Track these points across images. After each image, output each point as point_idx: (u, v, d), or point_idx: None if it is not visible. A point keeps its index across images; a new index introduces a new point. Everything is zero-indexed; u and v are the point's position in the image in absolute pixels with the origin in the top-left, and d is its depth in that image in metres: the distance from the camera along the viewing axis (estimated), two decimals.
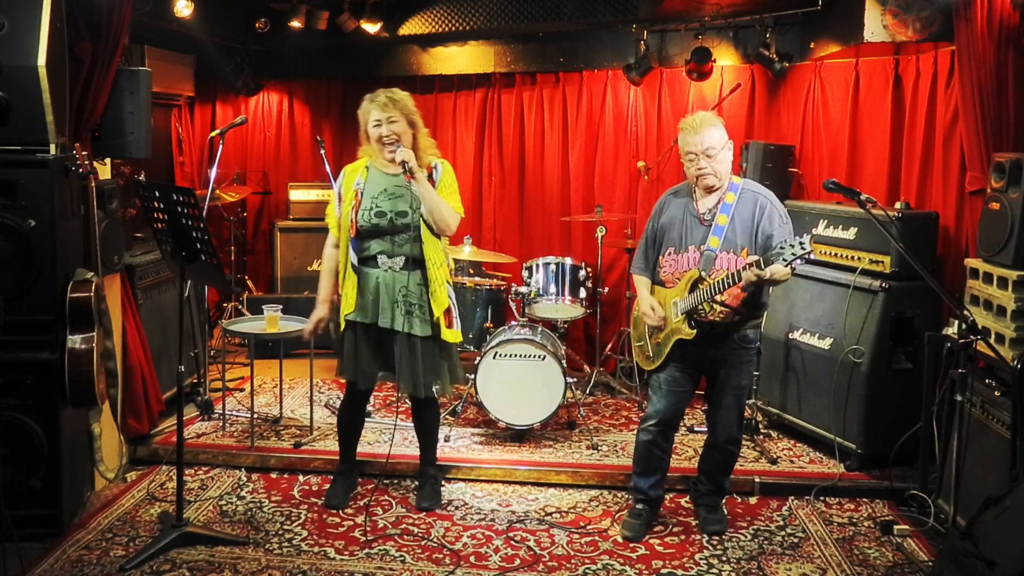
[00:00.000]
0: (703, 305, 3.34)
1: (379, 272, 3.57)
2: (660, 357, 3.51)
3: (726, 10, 5.15)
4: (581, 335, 5.90)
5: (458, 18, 5.72)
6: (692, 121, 3.37)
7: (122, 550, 3.41)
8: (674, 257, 3.45)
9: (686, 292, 3.38)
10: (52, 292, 3.40)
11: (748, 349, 3.49)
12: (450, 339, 3.62)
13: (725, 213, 3.35)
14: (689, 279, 3.37)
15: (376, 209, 3.55)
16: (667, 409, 3.54)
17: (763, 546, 3.56)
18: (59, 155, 3.41)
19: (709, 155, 3.32)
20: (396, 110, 3.51)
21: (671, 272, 3.47)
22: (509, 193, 6.08)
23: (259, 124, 6.59)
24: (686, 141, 3.37)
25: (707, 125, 3.33)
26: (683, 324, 3.39)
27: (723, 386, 3.51)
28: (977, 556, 2.62)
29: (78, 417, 3.63)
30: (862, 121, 5.01)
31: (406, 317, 3.55)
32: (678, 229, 3.45)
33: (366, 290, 3.58)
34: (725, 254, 3.33)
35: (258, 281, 6.67)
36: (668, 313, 3.45)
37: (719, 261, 3.33)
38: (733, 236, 3.34)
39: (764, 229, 3.32)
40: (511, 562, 3.39)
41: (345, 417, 3.92)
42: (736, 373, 3.48)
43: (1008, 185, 3.51)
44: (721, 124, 3.40)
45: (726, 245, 3.34)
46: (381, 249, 3.57)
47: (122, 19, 3.77)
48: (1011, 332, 3.40)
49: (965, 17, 3.89)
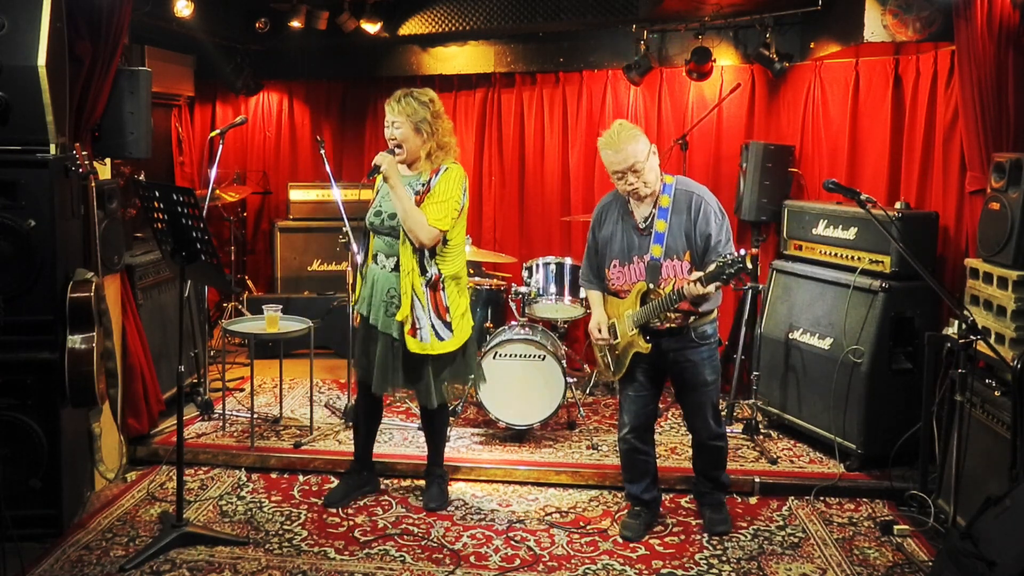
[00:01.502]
0: (656, 320, 3.35)
1: (377, 270, 3.63)
2: (622, 368, 3.53)
3: (726, 10, 5.15)
4: (581, 335, 5.90)
5: (458, 18, 5.72)
6: (610, 139, 3.29)
7: (122, 550, 3.41)
8: (620, 270, 3.44)
9: (637, 304, 3.39)
10: (52, 292, 3.40)
11: (709, 344, 3.47)
12: (412, 349, 3.53)
13: (663, 218, 3.33)
14: (638, 291, 3.38)
15: (376, 208, 3.62)
16: (637, 415, 3.56)
17: (763, 546, 3.55)
18: (59, 155, 3.41)
19: (636, 170, 3.27)
20: (401, 115, 3.51)
21: (620, 284, 3.46)
22: (509, 193, 6.08)
23: (259, 124, 6.59)
24: (609, 160, 3.31)
25: (626, 140, 3.25)
26: (639, 338, 3.40)
27: (691, 385, 3.50)
28: (977, 556, 2.62)
29: (78, 417, 3.63)
30: (862, 121, 5.01)
31: (390, 319, 3.57)
32: (619, 242, 3.43)
33: (367, 285, 3.68)
34: (669, 261, 3.33)
35: (258, 281, 6.67)
36: (623, 326, 3.46)
37: (664, 269, 3.33)
38: (673, 242, 3.32)
39: (702, 230, 3.30)
40: (511, 562, 3.39)
41: (355, 412, 3.97)
42: (700, 370, 3.46)
43: (1008, 185, 3.51)
44: (639, 133, 3.30)
45: (668, 252, 3.33)
46: (379, 249, 3.63)
47: (122, 19, 3.77)
48: (1011, 332, 3.40)
49: (965, 17, 3.89)
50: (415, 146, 3.53)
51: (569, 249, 5.81)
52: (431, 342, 3.55)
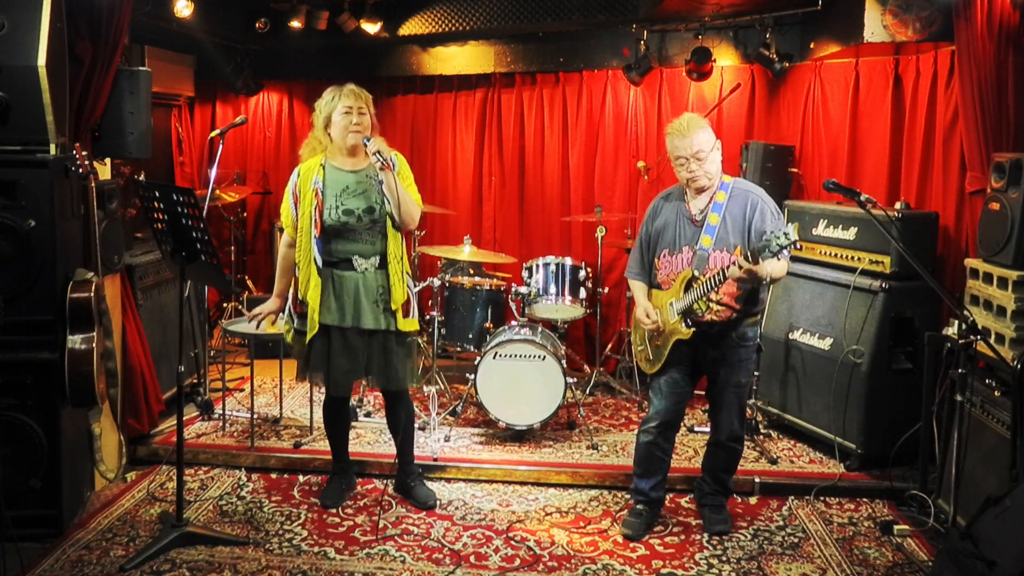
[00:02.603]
0: (698, 304, 3.34)
1: (357, 275, 3.50)
2: (660, 360, 3.51)
3: (726, 10, 5.15)
4: (581, 335, 5.90)
5: (458, 18, 5.72)
6: (679, 125, 3.35)
7: (122, 550, 3.41)
8: (669, 259, 3.46)
9: (681, 292, 3.39)
10: (52, 292, 3.40)
11: (747, 347, 3.49)
12: (406, 328, 3.55)
13: (716, 212, 3.36)
14: (683, 279, 3.38)
15: (343, 207, 3.47)
16: (668, 410, 3.54)
17: (763, 546, 3.56)
18: (59, 155, 3.41)
19: (699, 158, 3.32)
20: (366, 103, 3.53)
21: (667, 274, 3.48)
22: (509, 193, 6.08)
23: (259, 124, 6.59)
24: (675, 146, 3.36)
25: (695, 128, 3.32)
26: (680, 324, 3.39)
27: (724, 385, 3.51)
28: (977, 556, 2.63)
29: (78, 417, 3.63)
30: (862, 121, 5.01)
31: (385, 315, 3.54)
32: (672, 231, 3.45)
33: (342, 293, 3.49)
34: (718, 253, 3.34)
35: (258, 281, 6.67)
36: (665, 315, 3.45)
37: (712, 260, 3.34)
38: (725, 234, 3.34)
39: (756, 226, 3.32)
40: (511, 562, 3.39)
41: (330, 420, 3.88)
42: (736, 371, 3.49)
43: (1008, 185, 3.51)
44: (708, 125, 3.40)
45: (719, 244, 3.34)
46: (356, 250, 3.51)
47: (122, 19, 3.77)
48: (1011, 332, 3.40)
49: (965, 17, 3.89)
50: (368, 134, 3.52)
51: (569, 249, 5.81)
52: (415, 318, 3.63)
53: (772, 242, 3.01)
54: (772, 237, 3.02)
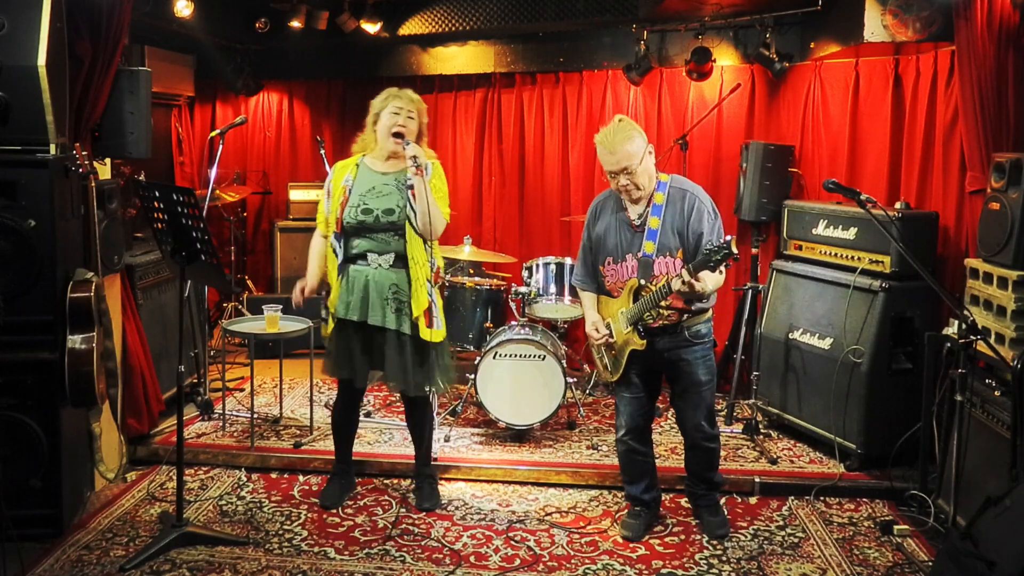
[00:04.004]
0: (648, 313, 3.34)
1: (369, 270, 3.56)
2: (619, 369, 3.50)
3: (726, 10, 5.15)
4: (581, 335, 5.89)
5: (458, 18, 5.72)
6: (605, 138, 3.27)
7: (122, 550, 3.41)
8: (614, 267, 3.43)
9: (630, 302, 3.38)
10: (52, 292, 3.40)
11: (702, 344, 3.45)
12: (428, 338, 3.55)
13: (656, 215, 3.32)
14: (631, 288, 3.37)
15: (363, 206, 3.54)
16: (632, 417, 3.55)
17: (763, 546, 3.56)
18: (59, 155, 3.41)
19: (629, 172, 3.26)
20: (414, 108, 3.57)
21: (614, 282, 3.45)
22: (509, 193, 6.08)
23: (259, 124, 6.59)
24: (603, 160, 3.31)
25: (621, 142, 3.23)
26: (633, 335, 3.38)
27: (685, 385, 3.49)
28: (977, 556, 2.62)
29: (78, 417, 3.63)
30: (862, 121, 5.01)
31: (396, 315, 3.55)
32: (613, 238, 3.42)
33: (355, 288, 3.56)
34: (662, 258, 3.32)
35: (258, 281, 6.67)
36: (618, 324, 3.44)
37: (657, 266, 3.32)
38: (666, 240, 3.31)
39: (694, 228, 3.29)
40: (511, 562, 3.39)
41: (339, 417, 3.91)
42: (694, 369, 3.45)
43: (1008, 185, 3.51)
44: (637, 132, 3.28)
45: (661, 249, 3.32)
46: (369, 247, 3.56)
47: (122, 19, 3.77)
48: (1011, 332, 3.40)
49: (965, 17, 3.89)
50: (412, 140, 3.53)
51: (569, 249, 5.80)
52: (441, 329, 3.61)
53: (712, 256, 2.99)
54: (712, 251, 2.99)
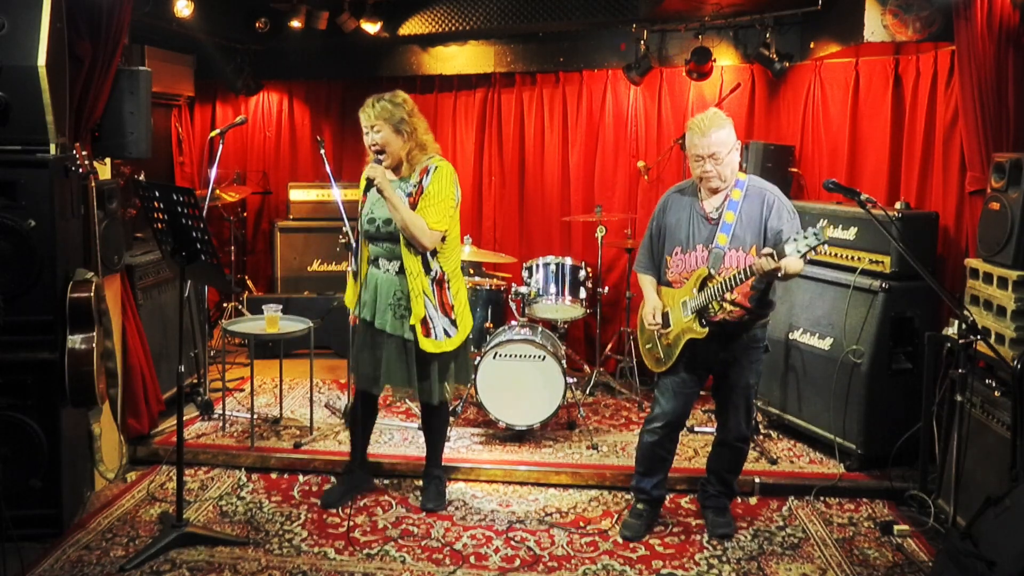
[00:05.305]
0: (713, 303, 3.31)
1: (380, 274, 3.62)
2: (671, 359, 3.47)
3: (726, 10, 5.15)
4: (581, 335, 5.90)
5: (458, 18, 5.72)
6: (699, 122, 3.30)
7: (122, 550, 3.41)
8: (681, 257, 3.42)
9: (695, 291, 3.35)
10: (52, 292, 3.40)
11: (757, 348, 3.47)
12: (426, 348, 3.55)
13: (732, 210, 3.32)
14: (698, 277, 3.34)
15: (370, 215, 3.59)
16: (675, 411, 3.52)
17: (763, 546, 3.55)
18: (59, 155, 3.41)
19: (715, 159, 3.27)
20: (378, 118, 3.48)
21: (678, 272, 3.44)
22: (509, 193, 6.08)
23: (259, 124, 6.59)
24: (693, 143, 3.32)
25: (714, 127, 3.26)
26: (694, 323, 3.35)
27: (733, 385, 3.49)
28: (977, 556, 2.62)
29: (78, 417, 3.63)
30: (862, 121, 5.01)
31: (400, 321, 3.56)
32: (685, 229, 3.41)
33: (369, 289, 3.64)
34: (733, 251, 3.31)
35: (258, 281, 6.67)
36: (677, 314, 3.42)
37: (728, 259, 3.31)
38: (741, 233, 3.31)
39: (772, 225, 3.29)
40: (511, 562, 3.39)
41: (352, 414, 3.95)
42: (746, 372, 3.46)
43: (1008, 185, 3.51)
44: (729, 124, 3.32)
45: (734, 242, 3.31)
46: (380, 253, 3.62)
47: (122, 19, 3.77)
48: (1011, 332, 3.40)
49: (965, 17, 3.89)
50: (397, 148, 3.51)
51: (569, 249, 5.81)
52: (444, 340, 3.58)
53: (800, 242, 3.01)
54: (800, 237, 3.02)
